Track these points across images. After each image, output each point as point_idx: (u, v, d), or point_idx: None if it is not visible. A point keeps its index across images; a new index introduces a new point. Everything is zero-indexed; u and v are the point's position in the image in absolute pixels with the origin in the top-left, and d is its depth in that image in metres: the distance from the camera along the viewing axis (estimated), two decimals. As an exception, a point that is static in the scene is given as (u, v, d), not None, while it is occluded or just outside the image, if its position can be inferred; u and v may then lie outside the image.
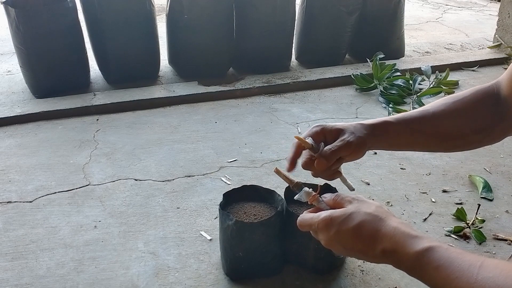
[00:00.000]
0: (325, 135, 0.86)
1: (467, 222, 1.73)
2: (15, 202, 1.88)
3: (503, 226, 1.73)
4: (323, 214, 0.69)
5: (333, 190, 1.53)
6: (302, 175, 1.69)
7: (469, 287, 0.52)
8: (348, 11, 3.30)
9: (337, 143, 0.82)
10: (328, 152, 0.81)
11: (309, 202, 0.78)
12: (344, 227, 0.65)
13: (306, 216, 0.74)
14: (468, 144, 0.86)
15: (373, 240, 0.63)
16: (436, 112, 0.83)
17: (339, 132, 0.85)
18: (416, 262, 0.58)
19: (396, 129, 0.84)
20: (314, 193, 0.78)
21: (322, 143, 0.84)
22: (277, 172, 0.86)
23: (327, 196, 0.76)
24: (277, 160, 2.19)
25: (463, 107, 0.83)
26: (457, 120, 0.82)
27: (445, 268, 0.54)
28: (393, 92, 2.92)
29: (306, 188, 0.80)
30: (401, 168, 2.12)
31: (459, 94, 0.86)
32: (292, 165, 0.89)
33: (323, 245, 0.70)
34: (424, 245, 0.58)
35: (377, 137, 0.85)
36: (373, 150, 2.26)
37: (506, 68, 3.64)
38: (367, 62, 3.29)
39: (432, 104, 0.87)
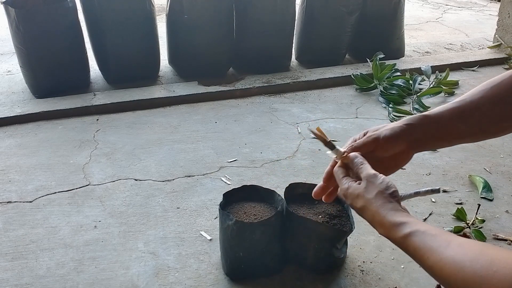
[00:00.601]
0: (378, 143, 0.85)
1: (467, 222, 1.73)
2: (15, 202, 1.88)
3: (503, 226, 1.73)
4: (343, 185, 0.78)
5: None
6: (302, 175, 1.70)
7: (437, 264, 0.61)
8: (348, 11, 3.30)
9: (356, 143, 0.84)
10: (350, 149, 0.84)
11: (340, 159, 0.83)
12: (354, 204, 0.75)
13: (337, 172, 0.82)
14: (502, 131, 0.84)
15: (372, 223, 0.73)
16: (474, 101, 0.81)
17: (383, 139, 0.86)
18: (401, 246, 0.68)
19: (434, 120, 0.82)
20: (345, 152, 0.83)
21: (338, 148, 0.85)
22: (318, 131, 0.85)
23: (355, 160, 0.80)
24: (277, 160, 2.19)
25: (501, 92, 0.81)
26: (498, 105, 0.80)
27: (419, 249, 0.64)
28: (393, 92, 2.92)
29: (338, 147, 0.84)
30: (401, 168, 2.12)
31: (495, 78, 0.83)
32: (326, 180, 0.88)
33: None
34: (405, 231, 0.66)
35: (412, 129, 0.82)
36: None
37: (506, 68, 3.63)
38: (367, 62, 3.29)
39: (470, 92, 0.84)
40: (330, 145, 0.85)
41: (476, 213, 1.75)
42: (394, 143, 0.82)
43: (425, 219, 1.76)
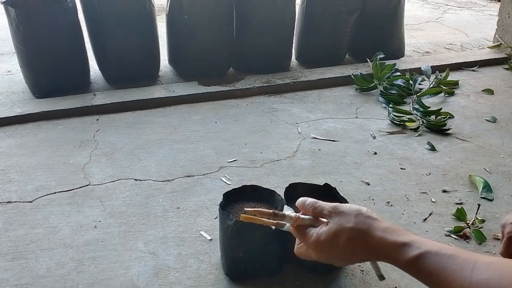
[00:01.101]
0: None
1: (467, 222, 1.73)
2: (15, 202, 1.88)
3: (503, 226, 1.73)
4: (311, 238, 0.69)
5: (332, 189, 1.53)
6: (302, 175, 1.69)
7: None
8: (348, 11, 3.30)
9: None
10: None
11: (293, 226, 0.76)
12: (335, 248, 0.66)
13: (298, 249, 0.75)
14: None
15: (366, 252, 0.64)
16: None
17: None
18: (409, 270, 0.59)
19: None
20: (295, 215, 0.75)
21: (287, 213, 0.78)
22: (246, 218, 0.79)
23: (306, 203, 0.74)
24: (277, 160, 2.19)
25: None
26: None
27: (437, 275, 0.55)
28: (393, 92, 2.92)
29: (288, 212, 0.78)
30: (401, 168, 2.12)
31: None
32: None
33: (322, 261, 0.71)
34: (413, 253, 0.58)
35: None
36: (373, 150, 2.26)
37: (506, 68, 3.62)
38: (367, 62, 3.28)
39: None
40: (279, 218, 0.77)
41: (476, 213, 1.75)
42: None
43: (425, 219, 1.76)
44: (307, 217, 0.74)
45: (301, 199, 0.75)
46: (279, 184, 1.96)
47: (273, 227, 0.80)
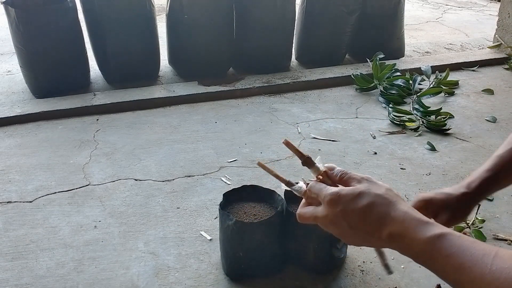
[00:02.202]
0: (427, 210, 0.85)
1: (467, 222, 1.73)
2: (15, 202, 1.88)
3: (503, 226, 1.73)
4: (331, 189, 0.64)
5: None
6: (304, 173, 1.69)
7: (483, 277, 0.49)
8: (348, 11, 3.30)
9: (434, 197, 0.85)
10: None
11: (317, 176, 0.71)
12: (352, 206, 0.61)
13: (316, 185, 0.68)
14: None
15: (381, 222, 0.59)
16: None
17: (438, 209, 0.86)
18: (426, 249, 0.54)
19: (498, 180, 0.87)
20: (321, 170, 0.71)
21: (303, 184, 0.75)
22: (287, 144, 0.72)
23: (335, 170, 0.69)
24: (277, 160, 2.19)
25: None
26: None
27: (457, 257, 0.51)
28: (393, 92, 2.92)
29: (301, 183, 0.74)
30: (401, 168, 2.12)
31: None
32: None
33: (325, 223, 0.64)
34: (436, 232, 0.54)
35: (482, 195, 0.87)
36: (373, 150, 2.26)
37: (506, 68, 3.61)
38: (367, 62, 3.28)
39: (506, 151, 0.90)
40: (307, 162, 0.73)
41: (476, 213, 1.75)
42: (468, 213, 0.87)
43: (425, 219, 1.76)
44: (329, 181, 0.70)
45: (330, 164, 0.71)
46: (279, 184, 1.95)
47: (284, 186, 0.76)
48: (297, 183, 0.75)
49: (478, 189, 0.85)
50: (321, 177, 0.70)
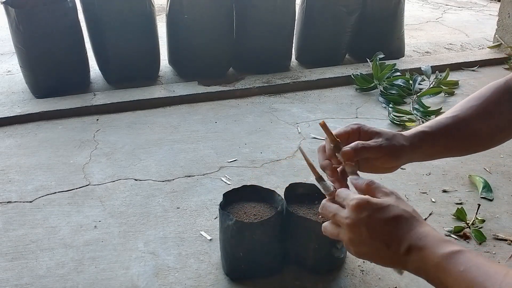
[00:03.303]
0: (360, 134, 0.83)
1: (467, 222, 1.73)
2: (15, 202, 1.88)
3: (503, 226, 1.73)
4: (360, 195, 0.66)
5: None
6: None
7: None
8: (348, 11, 3.30)
9: (369, 142, 0.79)
10: (358, 146, 0.77)
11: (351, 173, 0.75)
12: (379, 215, 0.62)
13: (343, 191, 0.70)
14: (494, 143, 0.86)
15: (403, 235, 0.61)
16: (467, 116, 0.83)
17: (375, 134, 0.82)
18: (442, 263, 0.57)
19: (433, 138, 0.83)
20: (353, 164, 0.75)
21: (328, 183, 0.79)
22: (323, 125, 0.79)
23: (359, 180, 0.71)
24: (277, 160, 2.19)
25: (488, 107, 0.83)
26: (488, 121, 0.82)
27: (471, 272, 0.54)
28: (393, 92, 2.92)
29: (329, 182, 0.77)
30: (401, 168, 2.12)
31: (481, 94, 0.85)
32: (332, 171, 0.80)
33: (345, 225, 0.65)
34: (454, 248, 0.57)
35: (416, 148, 0.82)
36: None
37: (506, 68, 3.62)
38: (367, 62, 3.28)
39: (460, 107, 0.85)
40: (337, 146, 0.78)
41: (476, 213, 1.75)
42: (397, 160, 0.82)
43: (425, 219, 1.76)
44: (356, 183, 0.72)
45: (354, 176, 0.73)
46: (279, 184, 1.96)
47: (316, 179, 0.78)
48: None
49: (411, 140, 0.82)
50: (350, 165, 0.73)
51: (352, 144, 0.77)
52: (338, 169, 0.80)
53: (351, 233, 0.65)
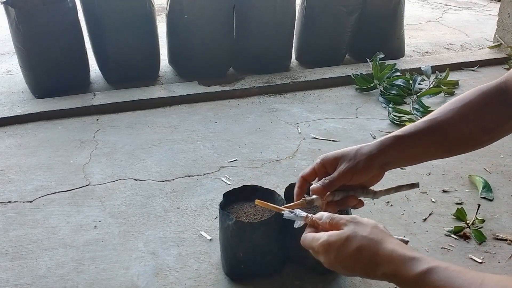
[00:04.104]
0: (325, 167, 0.86)
1: (467, 222, 1.73)
2: (15, 202, 1.88)
3: (503, 226, 1.73)
4: (321, 238, 0.70)
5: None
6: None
7: None
8: (348, 11, 3.30)
9: (334, 174, 0.83)
10: (325, 183, 0.83)
11: (307, 222, 0.79)
12: (343, 252, 0.66)
13: (307, 237, 0.75)
14: (479, 144, 0.85)
15: (372, 264, 0.64)
16: (445, 119, 0.82)
17: (338, 161, 0.84)
18: (416, 285, 0.58)
19: (404, 142, 0.83)
20: (309, 216, 0.78)
21: (314, 197, 0.86)
22: (260, 203, 0.85)
23: (323, 218, 0.76)
24: (277, 160, 2.19)
25: (471, 110, 0.82)
26: (467, 124, 0.82)
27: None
28: (393, 92, 2.92)
29: (298, 211, 0.81)
30: (401, 168, 2.12)
31: (465, 96, 0.84)
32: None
33: (327, 266, 0.71)
34: (423, 267, 0.58)
35: (386, 152, 0.82)
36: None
37: (506, 68, 3.62)
38: (367, 62, 3.28)
39: (439, 110, 0.85)
40: (308, 202, 0.85)
41: (476, 213, 1.75)
42: (369, 170, 0.83)
43: (425, 219, 1.76)
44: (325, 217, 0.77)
45: (318, 214, 0.77)
46: (279, 184, 1.96)
47: (285, 212, 0.82)
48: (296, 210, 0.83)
49: (378, 145, 0.83)
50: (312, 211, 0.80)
51: (319, 182, 0.83)
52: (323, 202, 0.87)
53: (336, 270, 0.70)
